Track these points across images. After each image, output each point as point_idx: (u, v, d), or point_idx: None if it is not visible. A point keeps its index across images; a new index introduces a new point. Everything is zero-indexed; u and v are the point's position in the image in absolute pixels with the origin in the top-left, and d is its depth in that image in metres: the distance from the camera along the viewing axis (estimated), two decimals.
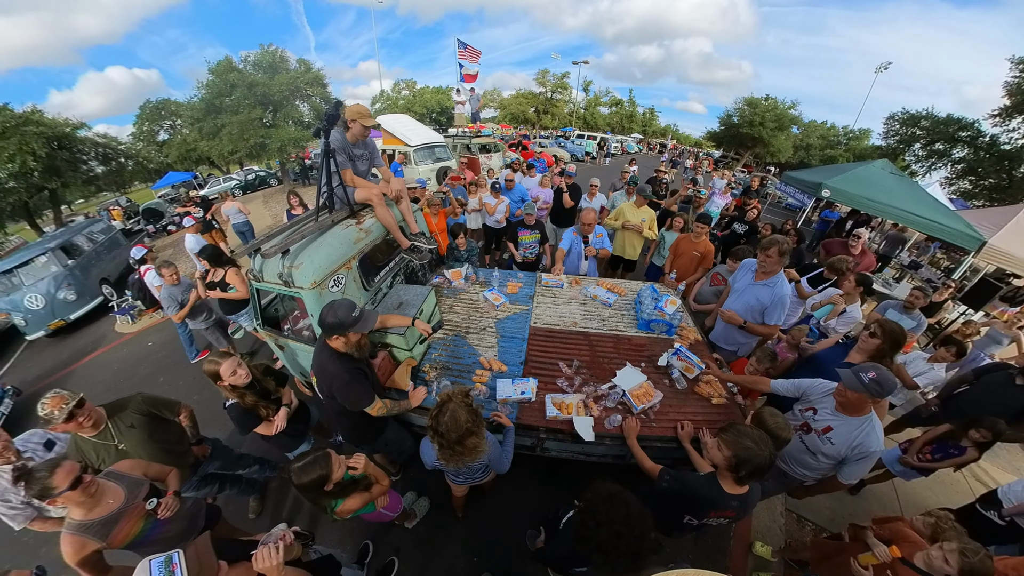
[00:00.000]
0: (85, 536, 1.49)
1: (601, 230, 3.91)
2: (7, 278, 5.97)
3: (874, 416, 1.85)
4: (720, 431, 1.56)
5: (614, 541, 1.18)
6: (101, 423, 1.87)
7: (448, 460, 1.65)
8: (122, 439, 1.90)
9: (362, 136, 2.74)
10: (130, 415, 1.97)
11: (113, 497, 1.59)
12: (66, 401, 1.70)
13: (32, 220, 11.94)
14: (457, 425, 1.51)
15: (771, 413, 1.85)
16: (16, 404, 4.31)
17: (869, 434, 1.81)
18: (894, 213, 6.28)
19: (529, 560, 2.48)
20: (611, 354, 2.82)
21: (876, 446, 1.82)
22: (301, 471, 1.49)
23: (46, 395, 1.72)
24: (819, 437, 1.94)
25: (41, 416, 1.69)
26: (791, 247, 2.62)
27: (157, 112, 18.08)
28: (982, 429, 2.27)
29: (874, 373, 1.72)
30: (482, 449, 1.64)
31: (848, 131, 29.72)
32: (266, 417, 2.25)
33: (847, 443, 1.84)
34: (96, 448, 1.85)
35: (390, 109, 27.44)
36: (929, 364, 3.10)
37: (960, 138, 16.21)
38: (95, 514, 1.52)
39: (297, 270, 2.30)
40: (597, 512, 1.24)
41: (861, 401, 1.80)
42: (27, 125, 9.94)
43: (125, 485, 1.66)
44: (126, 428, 1.93)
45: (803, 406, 2.09)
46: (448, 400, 1.57)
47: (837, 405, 1.90)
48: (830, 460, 1.93)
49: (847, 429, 1.85)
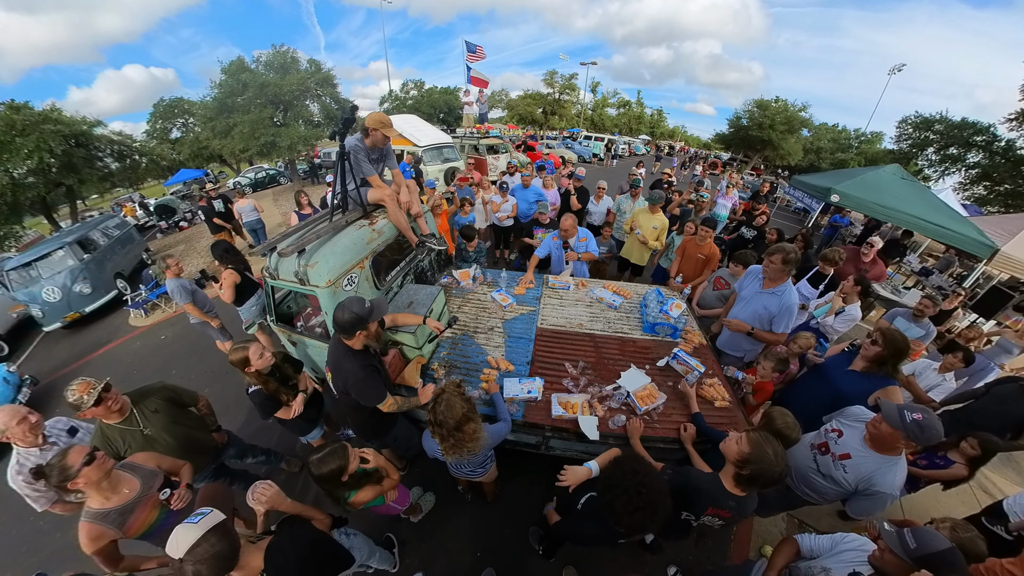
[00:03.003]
0: (103, 524, 1.55)
1: (585, 233, 3.86)
2: (26, 271, 6.15)
3: (901, 459, 1.72)
4: (752, 429, 1.56)
5: (637, 487, 1.33)
6: (127, 409, 1.94)
7: (449, 452, 1.71)
8: (147, 424, 1.97)
9: (381, 144, 2.83)
10: (154, 401, 2.05)
11: (129, 487, 1.66)
12: (94, 387, 1.77)
13: (49, 214, 12.20)
14: (453, 413, 1.60)
15: (781, 413, 1.84)
16: (33, 394, 4.45)
17: (885, 473, 1.69)
18: (905, 219, 6.24)
19: (532, 556, 2.53)
20: (616, 356, 2.86)
21: (887, 488, 1.68)
22: (320, 462, 1.55)
23: (73, 381, 1.78)
24: (834, 461, 1.84)
25: (70, 402, 1.75)
26: (797, 256, 2.61)
27: (170, 110, 18.43)
28: (973, 440, 2.21)
29: (920, 416, 1.57)
30: (480, 435, 1.71)
31: (860, 134, 29.37)
32: (286, 402, 2.35)
33: (860, 477, 1.74)
34: (122, 434, 1.92)
35: (398, 109, 27.60)
36: (940, 376, 3.05)
37: (975, 142, 15.98)
38: (112, 503, 1.58)
39: (312, 269, 2.36)
40: (622, 464, 1.42)
41: (894, 440, 1.65)
42: (46, 123, 10.18)
43: (140, 476, 1.72)
44: (151, 413, 2.00)
45: (831, 426, 1.98)
46: (442, 392, 1.68)
47: (867, 437, 1.76)
48: (837, 488, 1.84)
49: (868, 464, 1.72)
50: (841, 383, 2.29)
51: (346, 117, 2.49)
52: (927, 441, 1.58)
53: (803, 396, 2.57)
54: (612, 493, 1.38)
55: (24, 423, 1.82)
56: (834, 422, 2.00)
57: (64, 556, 2.68)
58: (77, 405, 1.75)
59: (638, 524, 1.34)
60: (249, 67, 13.77)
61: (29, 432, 1.83)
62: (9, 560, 2.76)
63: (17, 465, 1.83)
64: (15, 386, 4.29)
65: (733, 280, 3.46)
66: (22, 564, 2.71)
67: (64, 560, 2.65)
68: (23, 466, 1.83)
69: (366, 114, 2.87)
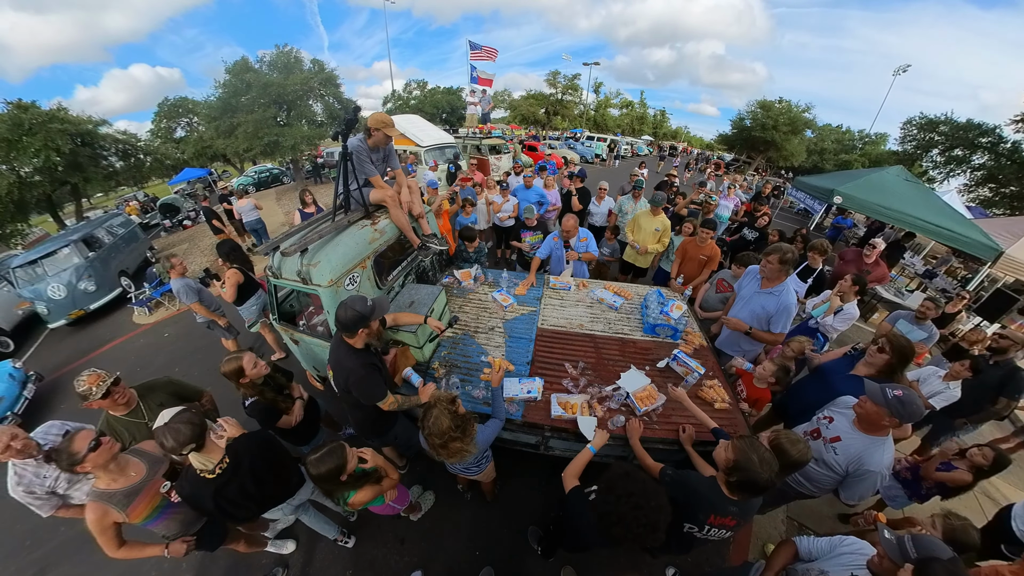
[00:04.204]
0: (108, 504, 1.59)
1: (586, 234, 3.87)
2: (32, 268, 6.21)
3: (888, 440, 1.80)
4: (738, 436, 1.58)
5: (634, 512, 1.30)
6: (133, 402, 1.98)
7: (437, 454, 1.75)
8: (152, 418, 1.99)
9: (383, 144, 2.83)
10: (160, 395, 2.09)
11: (135, 470, 1.70)
12: (103, 379, 1.81)
13: (55, 212, 12.31)
14: (440, 431, 1.61)
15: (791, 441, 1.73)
16: (38, 390, 4.49)
17: (873, 453, 1.76)
18: (908, 221, 6.20)
19: (531, 556, 2.53)
20: (616, 357, 2.86)
21: (875, 466, 1.76)
22: (318, 461, 1.57)
23: (84, 372, 1.81)
24: (825, 445, 1.93)
25: (79, 391, 1.77)
26: (795, 256, 2.62)
27: (174, 110, 18.51)
28: (986, 450, 2.21)
29: (900, 392, 1.66)
30: (467, 451, 1.71)
31: (864, 135, 29.22)
32: (284, 411, 2.35)
33: (850, 458, 1.81)
34: (128, 426, 1.95)
35: (401, 109, 27.69)
36: (944, 383, 3.02)
37: (980, 144, 15.85)
38: (119, 484, 1.62)
39: (315, 268, 2.38)
40: (616, 487, 1.36)
41: (878, 417, 1.73)
42: (52, 122, 10.27)
43: (147, 461, 1.76)
44: (156, 407, 2.03)
45: (823, 413, 2.07)
46: (433, 406, 1.65)
47: (856, 419, 1.86)
48: (831, 473, 1.91)
49: (856, 445, 1.81)
50: (843, 388, 2.27)
51: (349, 118, 2.50)
52: (909, 417, 1.66)
53: (804, 399, 2.55)
54: (608, 520, 1.36)
55: (8, 451, 1.76)
56: (826, 410, 2.08)
57: (67, 550, 2.71)
58: (85, 395, 1.77)
59: (637, 542, 1.33)
60: (253, 67, 13.80)
61: (18, 455, 1.80)
62: (14, 554, 2.79)
63: (16, 477, 1.81)
64: (20, 382, 4.34)
65: (735, 282, 3.46)
66: (26, 558, 2.75)
67: (68, 554, 2.69)
68: (21, 477, 1.82)
69: (368, 114, 2.87)
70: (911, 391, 1.68)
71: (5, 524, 2.94)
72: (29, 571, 2.67)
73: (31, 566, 2.70)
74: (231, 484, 1.69)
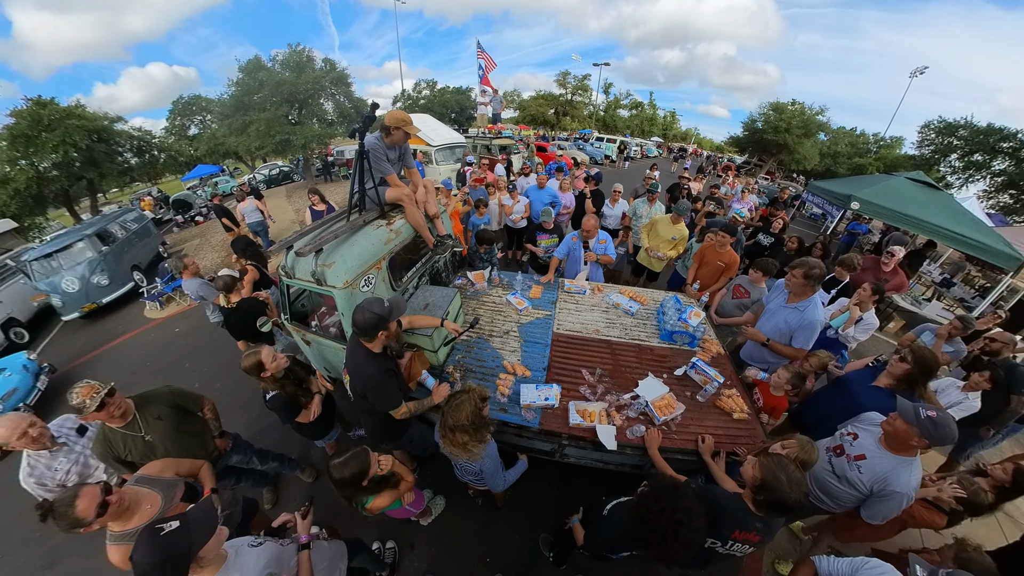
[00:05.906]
0: (131, 543, 1.45)
1: (604, 236, 3.83)
2: (47, 261, 6.31)
3: (916, 461, 1.72)
4: (765, 452, 1.54)
5: (674, 527, 1.26)
6: (129, 414, 1.88)
7: (442, 439, 1.77)
8: (149, 430, 1.92)
9: (401, 142, 2.79)
10: (157, 407, 1.99)
11: (150, 503, 1.58)
12: (97, 391, 1.71)
13: (71, 207, 12.53)
14: (456, 416, 1.64)
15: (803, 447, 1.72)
16: (51, 381, 4.54)
17: (900, 473, 1.69)
18: (926, 228, 6.05)
19: (543, 563, 2.49)
20: (633, 363, 2.80)
21: (901, 487, 1.68)
22: (342, 466, 1.53)
23: (77, 384, 1.72)
24: (849, 463, 1.85)
25: (73, 404, 1.70)
26: (822, 271, 2.53)
27: (188, 108, 18.79)
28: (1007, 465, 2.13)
29: (935, 413, 1.59)
30: (472, 449, 1.71)
31: (879, 139, 28.68)
32: (304, 406, 2.34)
33: (875, 477, 1.74)
34: (124, 439, 1.86)
35: (410, 109, 27.75)
36: (963, 394, 2.95)
37: (1001, 149, 15.51)
38: (135, 523, 1.49)
39: (330, 269, 2.35)
40: (662, 498, 1.32)
41: (907, 437, 1.66)
42: (70, 119, 10.47)
43: (160, 488, 1.65)
44: (153, 420, 1.95)
45: (847, 429, 1.99)
46: (466, 392, 1.69)
47: (883, 437, 1.79)
48: (853, 491, 1.84)
49: (883, 464, 1.74)
50: (864, 398, 2.22)
51: (367, 115, 2.47)
52: (941, 440, 1.59)
53: (824, 409, 2.50)
54: (646, 527, 1.33)
55: (25, 438, 1.76)
56: (850, 426, 2.00)
57: (77, 542, 2.68)
58: (79, 408, 1.69)
59: (666, 556, 1.31)
60: (266, 66, 13.95)
61: (32, 444, 1.79)
62: (25, 544, 2.81)
63: (28, 467, 1.81)
64: (35, 373, 4.39)
65: (752, 287, 3.39)
66: (37, 549, 2.76)
67: (77, 547, 2.69)
68: (33, 468, 1.81)
69: (385, 112, 2.84)
70: (946, 414, 1.61)
71: (17, 514, 2.96)
72: (40, 562, 2.70)
73: (42, 557, 2.72)
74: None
